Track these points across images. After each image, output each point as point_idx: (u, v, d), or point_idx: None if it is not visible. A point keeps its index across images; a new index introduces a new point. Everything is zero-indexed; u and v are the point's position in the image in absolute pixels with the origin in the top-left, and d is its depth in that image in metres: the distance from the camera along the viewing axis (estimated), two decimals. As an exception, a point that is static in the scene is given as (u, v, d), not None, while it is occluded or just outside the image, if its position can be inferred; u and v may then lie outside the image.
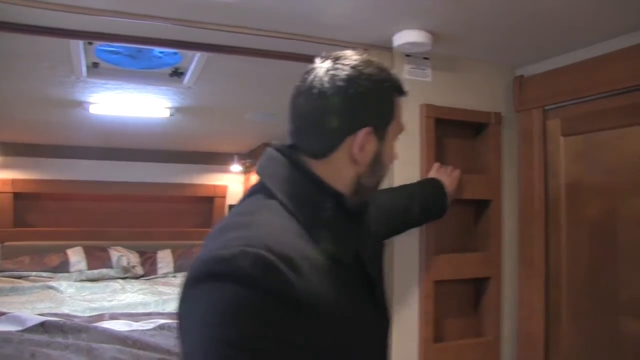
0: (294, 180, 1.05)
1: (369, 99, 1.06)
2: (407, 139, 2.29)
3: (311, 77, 1.07)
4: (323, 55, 1.11)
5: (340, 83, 1.04)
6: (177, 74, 3.08)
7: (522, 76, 2.52)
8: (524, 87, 2.50)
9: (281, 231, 0.96)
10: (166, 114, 3.92)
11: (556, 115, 2.37)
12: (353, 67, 1.05)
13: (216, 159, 6.52)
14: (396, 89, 1.11)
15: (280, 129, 4.22)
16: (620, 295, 2.06)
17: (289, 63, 2.39)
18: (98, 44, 2.59)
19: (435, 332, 2.32)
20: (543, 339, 2.35)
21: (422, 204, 1.84)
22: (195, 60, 2.73)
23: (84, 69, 2.81)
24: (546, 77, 2.40)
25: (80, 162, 5.92)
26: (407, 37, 2.07)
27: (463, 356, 2.39)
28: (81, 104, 3.66)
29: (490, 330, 2.48)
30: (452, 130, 2.50)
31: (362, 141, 1.05)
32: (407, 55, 2.30)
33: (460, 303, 2.52)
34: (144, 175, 6.17)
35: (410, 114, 2.30)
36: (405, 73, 2.30)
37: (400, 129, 1.16)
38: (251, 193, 1.09)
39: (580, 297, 2.23)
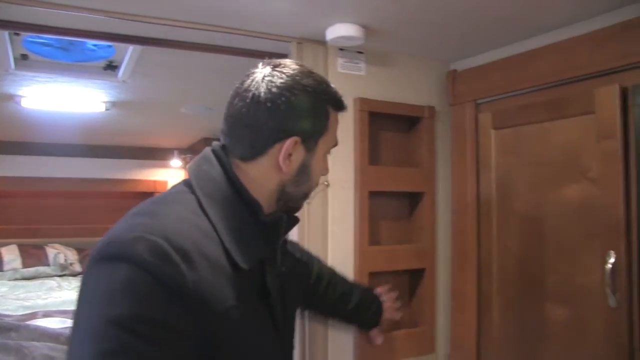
0: (215, 180, 1.06)
1: (301, 110, 1.06)
2: (341, 132, 2.28)
3: (249, 80, 1.08)
4: (265, 60, 1.12)
5: (274, 90, 1.04)
6: (112, 67, 3.01)
7: (455, 71, 2.56)
8: (457, 81, 2.55)
9: (186, 226, 0.97)
10: (102, 108, 3.83)
11: (488, 109, 2.42)
12: (290, 76, 1.06)
13: (156, 154, 6.42)
14: (333, 103, 1.12)
15: (218, 123, 4.19)
16: (547, 283, 2.12)
17: (224, 57, 2.36)
18: (26, 36, 2.50)
19: (371, 323, 2.34)
20: (475, 327, 2.41)
21: (359, 303, 1.67)
22: (129, 54, 2.67)
23: (11, 60, 2.72)
24: (478, 71, 2.45)
25: (14, 158, 5.73)
26: (340, 30, 2.08)
27: (398, 346, 2.43)
28: (12, 98, 3.53)
29: (425, 320, 2.52)
30: (386, 124, 2.52)
31: (288, 150, 1.05)
32: (341, 49, 2.31)
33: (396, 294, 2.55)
34: (82, 171, 6.01)
35: (344, 108, 2.31)
36: (338, 67, 2.31)
37: (333, 144, 1.17)
38: (176, 186, 1.11)
39: (510, 287, 2.29)
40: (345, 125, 2.31)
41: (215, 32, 2.11)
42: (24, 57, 2.83)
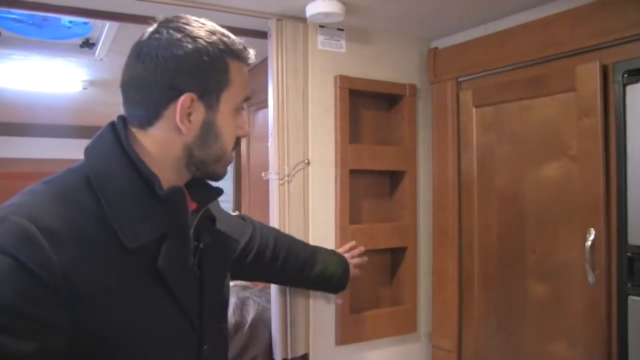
0: (107, 153, 0.98)
1: (192, 63, 0.98)
2: (321, 110, 2.28)
3: (137, 41, 1.02)
4: (157, 17, 1.04)
5: (161, 46, 0.97)
6: (88, 45, 2.94)
7: (436, 48, 2.55)
8: (438, 59, 2.53)
9: (61, 204, 0.89)
10: (79, 87, 3.76)
11: (468, 87, 2.41)
12: (178, 30, 0.99)
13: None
14: (232, 54, 1.04)
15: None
16: (527, 260, 2.13)
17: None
18: (-3, 11, 2.44)
19: (352, 301, 2.34)
20: (457, 306, 2.42)
21: (322, 270, 1.68)
22: (105, 31, 2.62)
23: (-18, 37, 2.65)
24: (459, 49, 2.43)
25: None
26: (319, 7, 2.04)
27: (380, 325, 2.43)
28: (-15, 76, 3.46)
29: (407, 299, 2.53)
30: (367, 102, 2.51)
31: (184, 108, 0.98)
32: (321, 27, 2.28)
33: (377, 273, 2.56)
34: (60, 152, 5.92)
35: (324, 85, 2.29)
36: (319, 44, 2.28)
37: (243, 98, 1.09)
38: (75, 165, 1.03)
39: (491, 264, 2.30)
40: (326, 103, 2.29)
41: (191, 7, 2.06)
42: (-4, 33, 2.76)
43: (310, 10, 2.08)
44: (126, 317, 0.90)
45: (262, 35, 2.26)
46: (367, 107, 2.52)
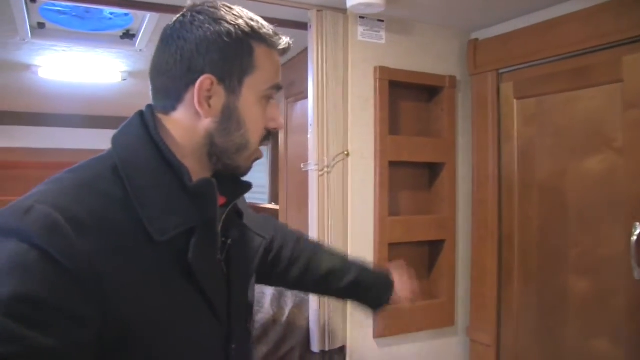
0: (135, 142, 0.95)
1: (210, 43, 0.93)
2: (360, 101, 2.27)
3: (166, 26, 0.99)
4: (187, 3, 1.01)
5: (184, 29, 0.94)
6: (129, 36, 2.97)
7: (476, 39, 2.52)
8: (479, 50, 2.50)
9: (88, 192, 0.86)
10: (118, 78, 3.81)
11: (510, 78, 2.38)
12: (201, 12, 0.95)
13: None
14: (259, 38, 0.98)
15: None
16: (569, 255, 2.10)
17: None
18: (42, 3, 2.48)
19: (390, 294, 2.34)
20: (496, 300, 2.40)
21: (354, 282, 1.51)
22: (145, 22, 2.65)
23: (28, 29, 2.70)
24: (500, 40, 2.40)
25: (30, 129, 5.73)
26: (360, -3, 2.04)
27: (418, 318, 2.42)
28: (29, 68, 3.52)
29: (445, 292, 2.51)
30: (406, 94, 2.49)
31: (202, 90, 0.94)
32: (361, 17, 2.27)
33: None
34: (98, 143, 6.01)
35: (364, 76, 2.29)
36: (359, 35, 2.27)
37: (271, 86, 1.01)
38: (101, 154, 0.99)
39: (531, 258, 2.27)
40: (365, 94, 2.29)
41: (233, -1, 2.08)
42: (41, 25, 2.80)
43: (351, 1, 2.07)
44: (153, 310, 0.87)
45: (302, 26, 2.25)
46: (407, 98, 2.50)
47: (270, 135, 1.06)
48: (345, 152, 2.21)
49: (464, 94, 2.56)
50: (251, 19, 0.98)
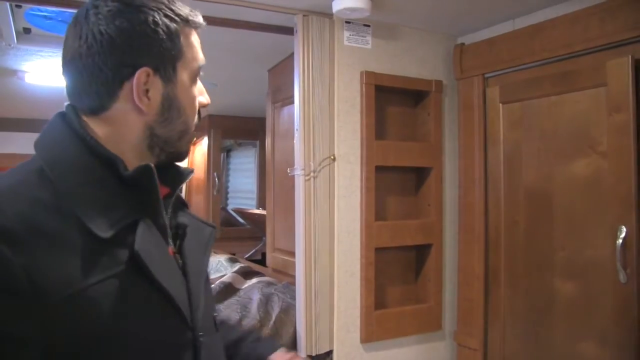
0: (59, 142, 0.89)
1: (140, 35, 0.88)
2: (346, 106, 2.28)
3: (75, 20, 0.90)
4: None
5: (102, 21, 0.87)
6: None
7: (462, 44, 2.53)
8: (465, 55, 2.51)
9: (15, 200, 0.80)
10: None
11: (495, 83, 2.39)
12: (117, 1, 0.88)
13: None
14: (181, 21, 0.93)
15: (224, 99, 4.15)
16: (555, 258, 2.10)
17: (227, 30, 2.33)
18: (28, 8, 2.46)
19: (377, 298, 2.34)
20: (482, 303, 2.40)
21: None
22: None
23: (13, 34, 2.68)
24: (486, 45, 2.41)
25: (17, 135, 5.68)
26: (345, 2, 2.04)
27: (405, 322, 2.42)
28: (15, 73, 3.50)
29: (432, 297, 2.51)
30: (393, 98, 2.50)
31: (141, 85, 0.89)
32: (347, 22, 2.27)
33: (402, 270, 2.55)
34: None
35: (350, 81, 2.29)
36: (345, 40, 2.28)
37: (198, 65, 0.98)
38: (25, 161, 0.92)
39: (517, 262, 2.27)
40: (351, 99, 2.29)
41: (218, 3, 2.07)
42: (27, 30, 2.78)
43: (337, 5, 2.08)
44: (107, 312, 0.81)
45: (289, 31, 2.26)
46: (393, 103, 2.51)
47: (200, 113, 1.03)
48: (332, 157, 2.21)
49: (451, 99, 2.57)
50: (169, 2, 0.94)
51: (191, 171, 1.06)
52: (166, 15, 0.91)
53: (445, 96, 2.56)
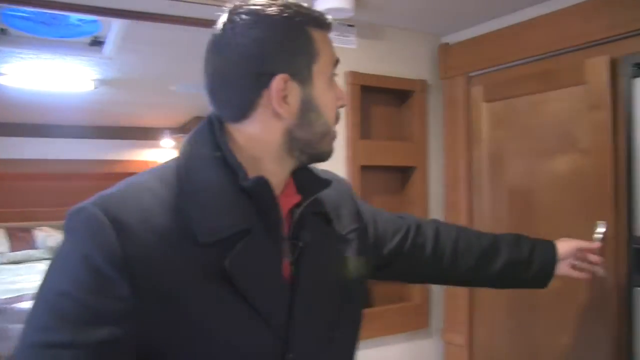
0: (200, 145, 0.95)
1: (274, 42, 0.92)
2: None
3: (212, 35, 0.97)
4: (227, 5, 0.98)
5: (239, 32, 0.92)
6: (98, 43, 2.96)
7: (447, 44, 2.54)
8: (449, 54, 2.52)
9: (138, 193, 0.88)
10: (90, 86, 3.78)
11: (479, 82, 2.40)
12: (250, 13, 0.92)
13: (147, 134, 6.38)
14: (312, 22, 0.96)
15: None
16: (539, 256, 2.12)
17: (212, 31, 2.32)
18: (3, 8, 2.44)
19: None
20: (468, 300, 2.41)
21: (510, 255, 1.40)
22: (114, 29, 2.63)
23: (-13, 35, 2.67)
24: (470, 44, 2.42)
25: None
26: (329, 2, 2.04)
27: (391, 321, 2.44)
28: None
29: (418, 295, 2.53)
30: (378, 98, 2.50)
31: (279, 93, 0.91)
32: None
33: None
34: (71, 153, 5.96)
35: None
36: (329, 40, 2.28)
37: (333, 64, 1.00)
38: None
39: (502, 259, 2.28)
40: (336, 99, 2.29)
41: (204, 4, 2.07)
42: (3, 31, 2.76)
43: (320, 6, 2.07)
44: (192, 313, 0.85)
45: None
46: (378, 103, 2.52)
47: (339, 114, 1.05)
48: (317, 157, 2.22)
49: (435, 98, 2.58)
50: (299, 6, 0.96)
51: (328, 183, 1.06)
52: (297, 21, 0.94)
53: (430, 95, 2.57)
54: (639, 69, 1.75)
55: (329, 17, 1.00)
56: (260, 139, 0.95)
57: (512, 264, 1.40)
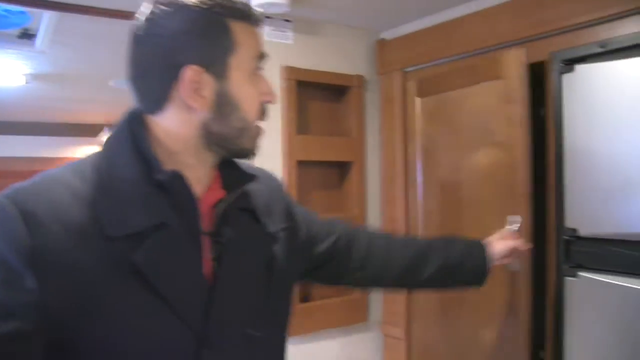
0: (117, 138, 0.93)
1: (188, 33, 0.89)
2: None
3: (134, 25, 0.93)
4: None
5: (152, 21, 0.90)
6: (28, 35, 2.86)
7: (383, 39, 2.57)
8: (386, 50, 2.55)
9: (51, 186, 0.86)
10: (21, 81, 3.66)
11: (414, 77, 2.43)
12: (171, 3, 0.90)
13: (85, 131, 6.21)
14: (232, 14, 0.92)
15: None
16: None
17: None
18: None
19: (302, 292, 2.36)
20: (405, 295, 2.44)
21: (441, 267, 1.40)
22: (45, 21, 2.55)
23: None
24: (406, 40, 2.46)
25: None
26: (264, -4, 2.04)
27: (331, 315, 2.46)
28: None
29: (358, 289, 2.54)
30: (315, 94, 2.51)
31: (191, 84, 0.89)
32: (267, 17, 2.27)
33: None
34: (3, 150, 5.77)
35: (270, 76, 2.26)
36: (265, 35, 2.27)
37: (257, 58, 0.97)
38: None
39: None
40: (272, 94, 2.28)
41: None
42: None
43: (255, 0, 2.07)
44: (103, 308, 0.84)
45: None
46: (316, 98, 2.52)
47: (265, 110, 1.02)
48: (253, 152, 2.20)
49: (372, 93, 2.60)
50: None
51: (251, 177, 1.03)
52: (215, 12, 0.91)
53: (367, 91, 2.59)
54: (567, 65, 1.80)
55: (257, 10, 0.98)
56: (177, 132, 0.93)
57: (443, 269, 1.41)
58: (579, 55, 1.78)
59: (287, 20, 2.34)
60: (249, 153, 1.01)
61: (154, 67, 0.91)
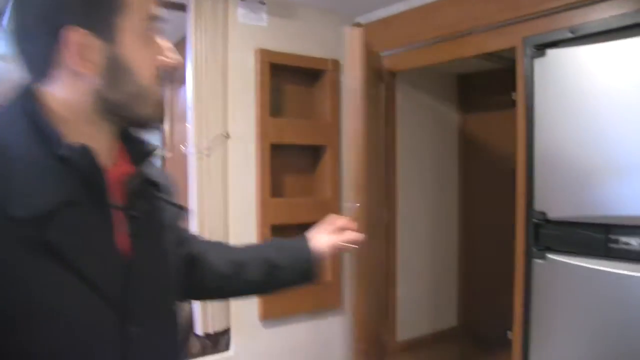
0: (9, 114, 0.85)
1: None
2: (241, 83, 2.26)
3: None
4: None
5: None
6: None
7: (359, 23, 2.55)
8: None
9: None
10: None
11: (389, 61, 2.43)
12: None
13: None
14: None
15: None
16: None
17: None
18: None
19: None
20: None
21: (260, 273, 1.29)
22: None
23: None
24: (381, 24, 2.46)
25: None
26: (238, -22, 2.02)
27: (305, 300, 2.47)
28: None
29: (331, 274, 2.55)
30: (290, 77, 2.50)
31: (75, 47, 0.81)
32: (242, 0, 2.25)
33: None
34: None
35: (244, 59, 2.27)
36: (239, 17, 2.25)
37: (147, 18, 0.89)
38: None
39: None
40: (246, 77, 2.28)
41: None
42: None
43: (229, -19, 2.05)
44: (19, 290, 0.78)
45: (182, 7, 2.20)
46: (291, 81, 2.51)
47: (168, 74, 0.94)
48: (225, 134, 2.19)
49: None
50: None
51: (155, 148, 0.99)
52: None
53: (342, 75, 2.58)
54: (539, 50, 1.81)
55: None
56: (68, 101, 0.86)
57: (269, 273, 1.29)
58: (551, 40, 1.79)
59: (262, 3, 2.32)
60: (149, 121, 0.94)
61: (34, 30, 0.83)
